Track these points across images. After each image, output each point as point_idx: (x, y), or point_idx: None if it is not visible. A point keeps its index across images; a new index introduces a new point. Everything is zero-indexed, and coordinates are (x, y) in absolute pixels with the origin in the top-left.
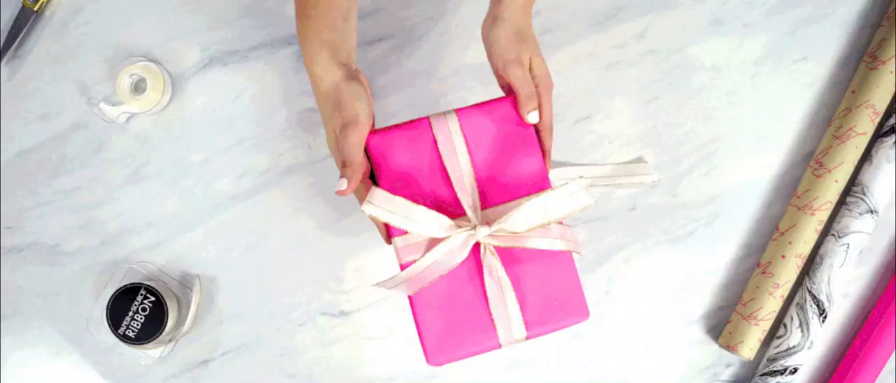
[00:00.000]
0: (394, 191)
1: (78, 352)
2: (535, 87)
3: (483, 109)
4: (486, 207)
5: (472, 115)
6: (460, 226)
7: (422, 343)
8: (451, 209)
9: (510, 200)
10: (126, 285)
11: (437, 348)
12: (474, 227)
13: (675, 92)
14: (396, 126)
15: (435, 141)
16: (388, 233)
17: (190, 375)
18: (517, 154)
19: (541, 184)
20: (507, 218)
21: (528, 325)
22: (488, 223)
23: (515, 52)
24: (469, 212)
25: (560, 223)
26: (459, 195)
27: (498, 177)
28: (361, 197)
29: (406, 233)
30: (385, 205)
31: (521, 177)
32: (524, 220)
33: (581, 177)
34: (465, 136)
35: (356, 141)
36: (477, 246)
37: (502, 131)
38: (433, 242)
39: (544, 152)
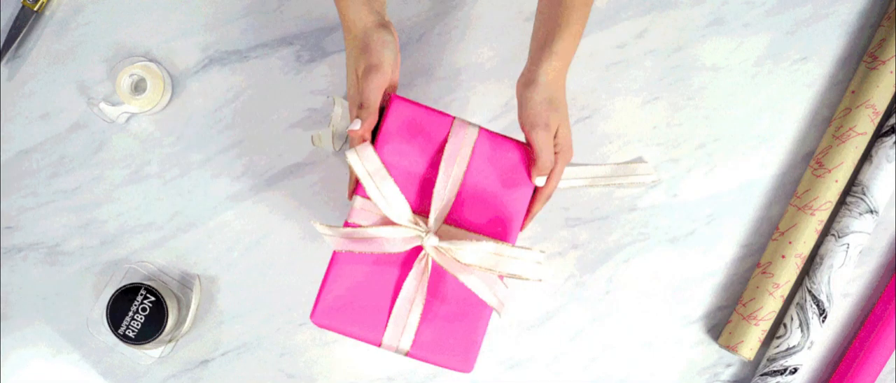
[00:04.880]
0: (383, 157)
1: (78, 352)
2: (555, 154)
3: (503, 142)
4: (450, 223)
5: (490, 140)
6: (416, 224)
7: (318, 298)
8: (421, 205)
9: (473, 231)
10: (126, 285)
11: (327, 311)
12: (427, 233)
13: (675, 92)
14: (424, 106)
15: (446, 140)
16: (355, 190)
17: (190, 375)
18: (506, 198)
19: (505, 237)
20: (459, 243)
21: (414, 344)
22: (441, 237)
23: (545, 118)
24: (431, 218)
25: (501, 278)
26: (434, 198)
27: (476, 206)
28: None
29: (369, 199)
30: (368, 163)
31: (496, 219)
32: (473, 256)
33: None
34: (473, 153)
35: (377, 85)
36: (419, 250)
37: (506, 171)
38: (386, 222)
39: (529, 212)
